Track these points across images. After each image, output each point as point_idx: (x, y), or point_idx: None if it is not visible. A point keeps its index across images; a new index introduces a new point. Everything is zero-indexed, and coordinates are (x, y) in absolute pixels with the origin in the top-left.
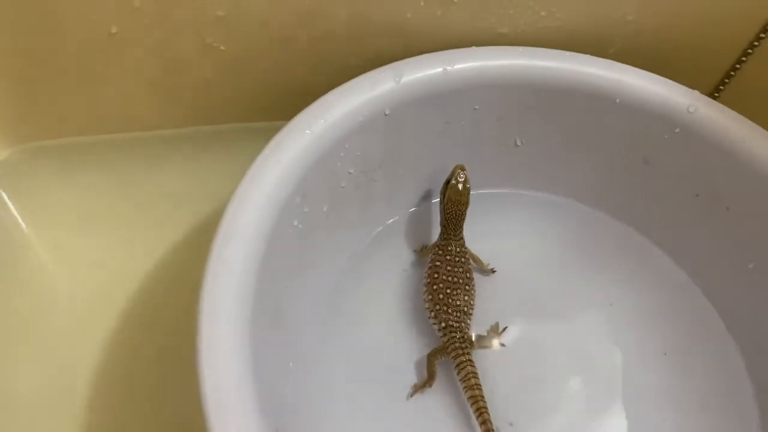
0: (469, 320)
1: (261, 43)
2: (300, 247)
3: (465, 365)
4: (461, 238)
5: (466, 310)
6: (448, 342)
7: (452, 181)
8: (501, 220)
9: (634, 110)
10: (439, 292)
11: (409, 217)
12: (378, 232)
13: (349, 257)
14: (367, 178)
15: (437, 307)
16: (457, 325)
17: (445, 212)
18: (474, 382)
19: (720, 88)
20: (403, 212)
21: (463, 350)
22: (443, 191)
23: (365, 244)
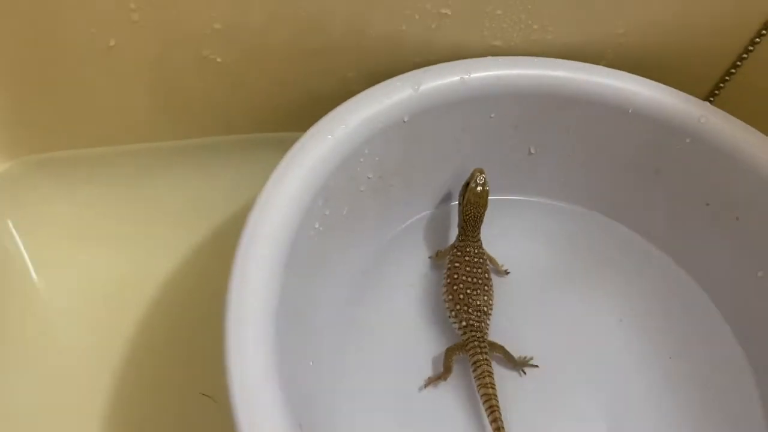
0: (488, 320)
1: (258, 56)
2: (320, 247)
3: (481, 363)
4: (479, 240)
5: (485, 309)
6: (467, 340)
7: (471, 184)
8: (511, 226)
9: (647, 120)
10: (459, 292)
11: (425, 220)
12: (395, 234)
13: (366, 258)
14: (385, 182)
15: (458, 307)
16: (477, 324)
17: (464, 214)
18: (488, 380)
19: (710, 99)
20: (419, 215)
21: (481, 349)
22: (462, 193)
23: (382, 245)
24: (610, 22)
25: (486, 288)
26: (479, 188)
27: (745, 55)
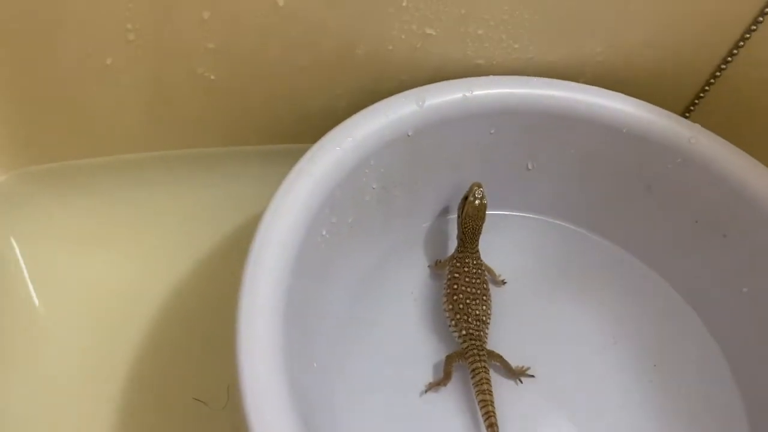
0: (487, 329)
1: (249, 73)
2: (326, 254)
3: (480, 371)
4: (477, 251)
5: (484, 319)
6: (467, 348)
7: (470, 198)
8: (504, 242)
9: (640, 140)
10: (459, 302)
11: (426, 231)
12: (397, 243)
13: (370, 266)
14: (389, 193)
15: (457, 317)
16: (477, 333)
17: (463, 226)
18: (486, 387)
19: (686, 115)
20: (420, 225)
21: (480, 357)
22: (461, 207)
23: (385, 253)
24: (587, 42)
25: (485, 298)
26: (477, 202)
27: (718, 73)
